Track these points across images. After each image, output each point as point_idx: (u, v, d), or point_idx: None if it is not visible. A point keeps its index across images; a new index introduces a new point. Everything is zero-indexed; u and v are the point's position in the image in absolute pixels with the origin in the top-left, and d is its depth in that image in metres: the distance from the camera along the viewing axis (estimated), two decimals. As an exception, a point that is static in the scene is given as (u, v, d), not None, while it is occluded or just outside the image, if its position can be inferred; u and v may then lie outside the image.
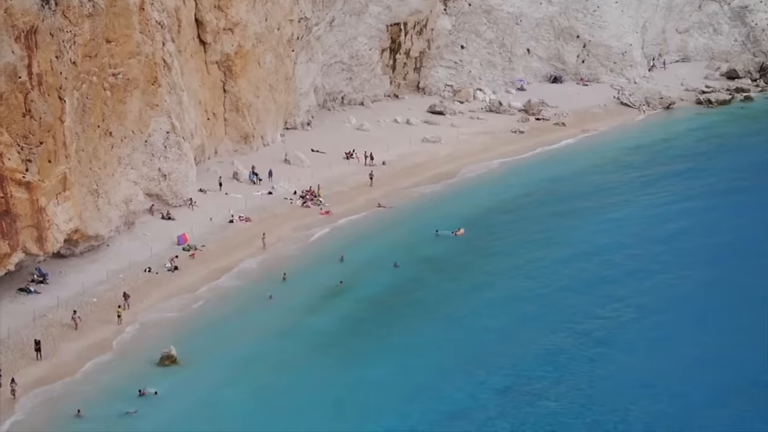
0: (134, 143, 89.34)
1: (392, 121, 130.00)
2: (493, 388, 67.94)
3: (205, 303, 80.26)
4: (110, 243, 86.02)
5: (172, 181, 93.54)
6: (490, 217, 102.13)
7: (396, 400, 66.12)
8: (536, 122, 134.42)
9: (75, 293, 78.41)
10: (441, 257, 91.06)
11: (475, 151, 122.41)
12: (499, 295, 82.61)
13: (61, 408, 64.45)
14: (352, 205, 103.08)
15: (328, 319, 78.25)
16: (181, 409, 64.66)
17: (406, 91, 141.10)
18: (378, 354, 72.44)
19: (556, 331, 76.37)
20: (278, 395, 66.50)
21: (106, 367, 70.23)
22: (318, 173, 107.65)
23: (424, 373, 69.73)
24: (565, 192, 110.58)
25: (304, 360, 71.60)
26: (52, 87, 76.27)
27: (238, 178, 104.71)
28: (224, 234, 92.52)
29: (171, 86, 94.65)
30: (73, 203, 78.69)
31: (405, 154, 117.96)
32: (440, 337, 75.04)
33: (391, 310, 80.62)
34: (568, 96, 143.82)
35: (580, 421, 64.14)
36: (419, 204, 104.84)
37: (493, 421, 63.95)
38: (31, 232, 75.03)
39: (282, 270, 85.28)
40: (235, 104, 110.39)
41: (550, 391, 67.67)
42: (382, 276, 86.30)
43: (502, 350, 73.01)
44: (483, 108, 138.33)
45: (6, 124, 72.54)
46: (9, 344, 70.46)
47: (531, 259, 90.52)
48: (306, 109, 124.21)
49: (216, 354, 71.97)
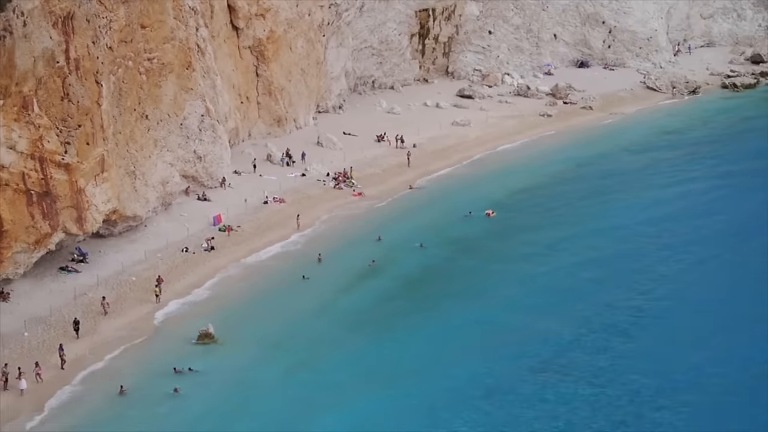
0: (170, 126, 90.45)
1: (422, 104, 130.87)
2: (524, 366, 68.11)
3: (241, 282, 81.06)
4: (148, 223, 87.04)
5: (207, 163, 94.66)
6: (520, 198, 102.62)
7: (429, 378, 66.45)
8: (563, 106, 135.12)
9: (114, 272, 79.40)
10: (472, 238, 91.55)
11: (503, 134, 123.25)
12: (531, 275, 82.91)
13: (104, 385, 65.16)
14: (384, 186, 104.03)
15: (362, 298, 78.88)
16: (221, 387, 65.30)
17: (435, 76, 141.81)
18: (410, 332, 72.83)
19: (589, 309, 76.62)
20: (314, 373, 67.03)
21: (144, 345, 71.01)
22: (350, 156, 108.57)
23: (456, 350, 70.12)
24: (595, 173, 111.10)
25: (338, 338, 72.18)
26: (89, 71, 77.28)
27: (271, 160, 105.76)
28: (259, 215, 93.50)
29: (205, 70, 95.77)
30: (111, 184, 79.76)
31: (435, 137, 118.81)
32: (472, 316, 75.36)
33: (423, 290, 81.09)
34: (594, 80, 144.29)
35: (615, 401, 64.12)
36: (450, 186, 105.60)
37: (526, 399, 64.08)
38: (71, 213, 76.05)
39: (317, 250, 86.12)
40: (267, 88, 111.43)
41: (583, 369, 67.75)
42: (414, 256, 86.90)
43: (533, 329, 73.33)
44: (511, 92, 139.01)
45: (45, 107, 73.54)
46: (51, 322, 71.44)
47: (562, 238, 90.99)
48: (337, 93, 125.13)
49: (253, 332, 72.72)
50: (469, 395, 64.41)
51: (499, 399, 64.08)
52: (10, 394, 62.86)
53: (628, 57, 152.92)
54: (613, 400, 63.82)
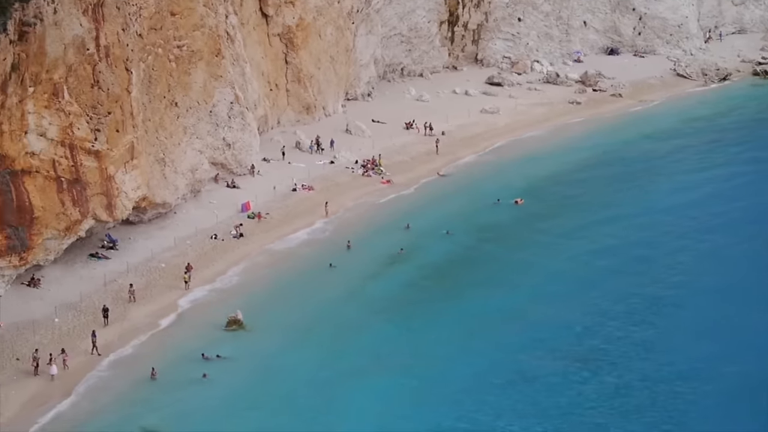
0: (199, 113, 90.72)
1: (451, 92, 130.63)
2: (548, 353, 68.32)
3: (270, 269, 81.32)
4: (177, 210, 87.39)
5: (236, 150, 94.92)
6: (549, 186, 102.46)
7: (454, 365, 66.66)
8: (593, 93, 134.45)
9: (143, 259, 79.85)
10: (501, 225, 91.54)
11: (532, 122, 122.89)
12: (558, 264, 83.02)
13: (133, 371, 65.71)
14: (413, 174, 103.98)
15: (390, 286, 79.06)
16: (250, 373, 65.68)
17: (464, 63, 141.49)
18: (437, 319, 72.98)
19: (617, 297, 76.72)
20: (341, 359, 67.35)
21: (173, 331, 71.44)
22: (379, 143, 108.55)
23: (481, 338, 70.27)
24: (625, 160, 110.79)
25: (366, 325, 72.46)
26: (119, 59, 77.59)
27: (300, 147, 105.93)
28: (287, 202, 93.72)
29: (234, 58, 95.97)
30: (141, 171, 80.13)
31: (464, 125, 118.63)
32: (498, 304, 75.45)
33: (450, 278, 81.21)
34: (624, 67, 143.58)
35: (635, 389, 64.27)
36: (479, 173, 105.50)
37: (549, 386, 64.26)
38: (101, 200, 76.44)
39: (345, 238, 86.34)
40: (296, 75, 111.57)
41: (606, 357, 67.95)
42: (443, 244, 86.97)
43: (558, 317, 73.43)
44: (540, 79, 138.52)
45: (75, 94, 73.87)
46: (81, 308, 71.93)
47: (590, 226, 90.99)
48: (366, 81, 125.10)
49: (281, 319, 73.03)
50: (492, 382, 64.69)
51: (522, 386, 64.32)
52: (41, 379, 63.29)
53: (658, 44, 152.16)
54: (633, 388, 64.06)
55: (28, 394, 61.91)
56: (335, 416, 60.83)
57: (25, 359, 64.47)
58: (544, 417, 60.80)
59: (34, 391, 62.30)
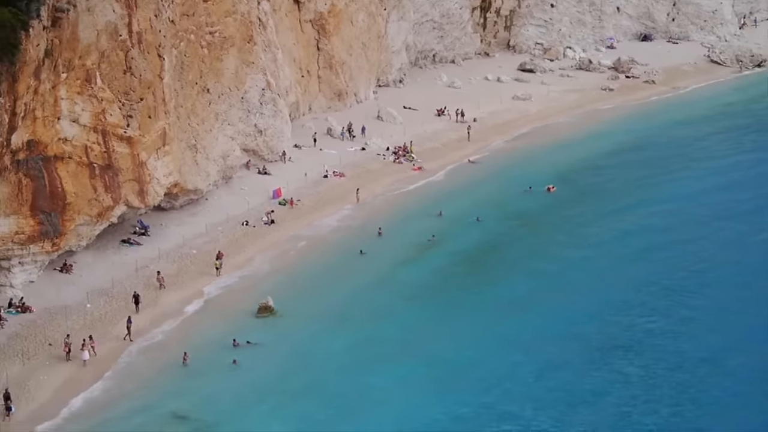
0: (231, 100, 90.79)
1: (483, 78, 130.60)
2: (581, 340, 68.09)
3: (301, 256, 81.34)
4: (209, 197, 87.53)
5: (267, 137, 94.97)
6: (582, 173, 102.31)
7: (487, 352, 66.46)
8: (626, 80, 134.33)
9: (175, 245, 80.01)
10: (533, 212, 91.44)
11: (565, 109, 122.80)
12: (591, 253, 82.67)
13: (166, 356, 65.92)
14: (444, 161, 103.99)
15: (421, 272, 78.89)
16: (280, 360, 65.65)
17: (496, 49, 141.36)
18: (469, 306, 72.82)
19: (648, 285, 76.31)
20: (372, 345, 67.23)
21: (205, 317, 71.45)
22: (410, 130, 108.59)
23: (513, 324, 70.07)
24: (657, 148, 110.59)
25: (397, 312, 72.29)
26: (152, 45, 77.69)
27: (331, 134, 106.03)
28: (318, 189, 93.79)
29: (266, 44, 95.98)
30: (173, 158, 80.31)
31: (496, 112, 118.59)
32: (531, 291, 75.31)
33: (482, 264, 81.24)
34: (658, 54, 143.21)
35: (667, 376, 63.96)
36: (511, 160, 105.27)
37: (581, 375, 64.06)
38: (133, 186, 76.66)
39: (376, 224, 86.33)
40: (328, 62, 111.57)
41: (637, 345, 67.62)
42: (474, 231, 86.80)
43: (590, 306, 73.08)
44: (573, 66, 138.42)
45: (108, 80, 74.06)
46: (113, 293, 72.12)
47: (621, 214, 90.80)
48: (398, 67, 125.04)
49: (312, 305, 73.02)
50: (521, 370, 64.52)
51: (550, 373, 64.08)
52: (73, 364, 63.56)
53: (692, 30, 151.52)
54: (658, 376, 63.70)
55: (60, 379, 62.12)
56: (365, 402, 60.67)
57: (57, 344, 64.68)
58: (570, 405, 60.56)
59: (66, 376, 62.48)
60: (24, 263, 70.30)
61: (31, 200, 69.28)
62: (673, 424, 58.92)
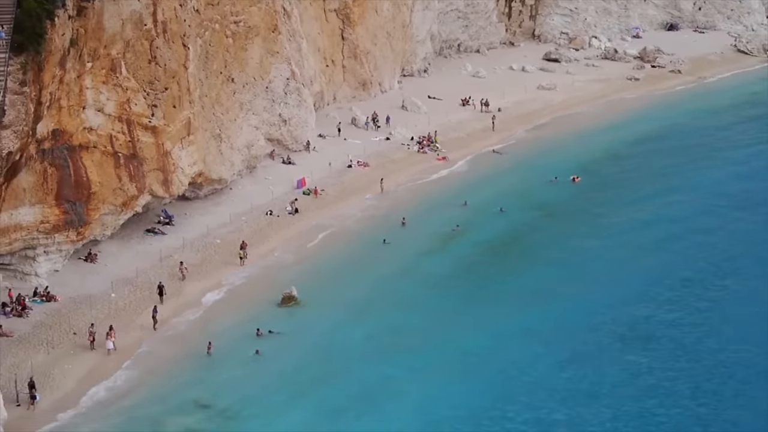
0: (255, 89, 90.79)
1: (508, 68, 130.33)
2: (605, 332, 67.89)
3: (324, 246, 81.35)
4: (233, 186, 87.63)
5: (292, 127, 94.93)
6: (606, 163, 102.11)
7: (510, 342, 66.34)
8: (651, 70, 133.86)
9: (199, 235, 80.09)
10: (557, 203, 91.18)
11: (590, 98, 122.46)
12: (615, 243, 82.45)
13: (190, 345, 65.98)
14: (469, 151, 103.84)
15: (445, 263, 78.82)
16: (303, 350, 65.63)
17: (521, 39, 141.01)
18: (493, 297, 72.65)
19: (671, 277, 76.05)
20: (395, 336, 67.15)
21: (229, 307, 71.39)
22: (434, 119, 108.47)
23: (538, 315, 69.88)
24: (682, 138, 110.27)
25: (420, 302, 72.21)
26: (176, 34, 77.76)
27: (356, 123, 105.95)
28: (343, 179, 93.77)
29: (291, 34, 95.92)
30: (197, 147, 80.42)
31: (520, 101, 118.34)
32: (555, 282, 75.07)
33: (507, 255, 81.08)
34: (684, 43, 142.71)
35: (695, 367, 63.82)
36: (535, 150, 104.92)
37: (610, 366, 63.83)
38: (158, 175, 76.80)
39: (400, 214, 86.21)
40: (353, 51, 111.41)
41: (663, 337, 67.39)
42: (498, 221, 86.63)
43: (615, 297, 72.83)
44: (598, 55, 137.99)
45: (133, 70, 74.23)
46: (137, 283, 72.26)
47: (646, 204, 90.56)
48: (423, 57, 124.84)
49: (335, 295, 72.95)
50: (546, 362, 64.29)
51: (573, 365, 63.85)
52: (98, 353, 63.74)
53: (719, 19, 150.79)
54: (692, 368, 63.50)
55: (85, 368, 62.29)
56: (387, 392, 60.66)
57: (82, 334, 64.84)
58: (590, 396, 60.40)
59: (90, 365, 62.66)
60: (49, 252, 70.57)
61: (56, 189, 69.58)
62: (694, 416, 58.71)
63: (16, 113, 60.25)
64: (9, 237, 67.61)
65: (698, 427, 57.79)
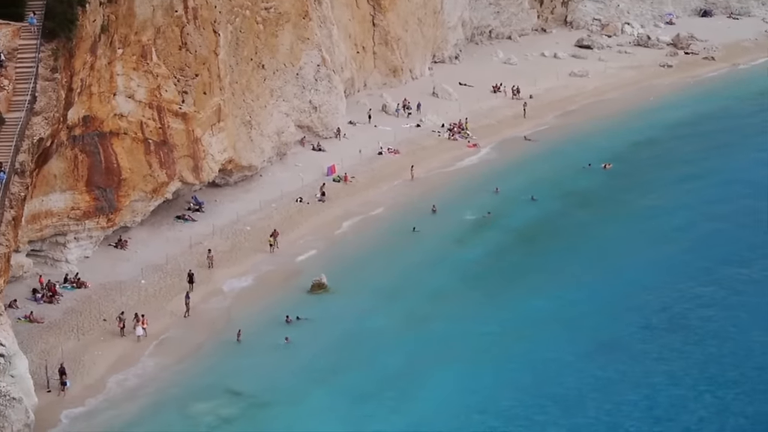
0: (286, 76, 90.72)
1: (539, 55, 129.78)
2: (638, 322, 67.28)
3: (354, 233, 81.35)
4: (263, 173, 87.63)
5: (322, 113, 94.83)
6: (638, 150, 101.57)
7: (544, 329, 66.01)
8: (685, 56, 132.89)
9: (229, 222, 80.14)
10: (588, 190, 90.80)
11: (622, 85, 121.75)
12: (647, 230, 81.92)
13: (219, 332, 66.02)
14: (500, 138, 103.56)
15: (476, 250, 78.59)
16: (331, 337, 65.52)
17: (553, 25, 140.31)
18: (524, 285, 72.36)
19: (708, 266, 75.40)
20: (423, 324, 66.92)
21: (258, 293, 71.44)
22: (465, 106, 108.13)
23: (568, 304, 69.45)
24: (715, 125, 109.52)
25: (450, 290, 71.92)
26: (207, 21, 77.79)
27: (386, 110, 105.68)
28: (373, 165, 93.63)
29: (321, 20, 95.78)
30: (228, 134, 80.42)
31: (552, 88, 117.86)
32: (586, 270, 74.62)
33: (538, 242, 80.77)
34: (717, 30, 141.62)
35: (725, 358, 63.17)
36: (566, 137, 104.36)
37: (644, 355, 63.36)
38: (188, 162, 76.89)
39: (431, 201, 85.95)
40: (384, 38, 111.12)
41: (696, 326, 66.82)
42: (529, 208, 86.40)
43: (647, 285, 72.20)
44: (631, 42, 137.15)
45: (163, 56, 74.31)
46: (167, 270, 72.36)
47: (679, 191, 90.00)
48: (454, 43, 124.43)
49: (365, 282, 72.86)
50: (580, 349, 63.84)
51: (606, 356, 63.26)
52: (127, 339, 63.84)
53: (753, 5, 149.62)
54: (723, 357, 62.97)
55: (115, 354, 62.39)
56: (415, 380, 60.46)
57: (112, 320, 64.95)
58: (624, 384, 59.98)
59: (120, 351, 62.75)
60: (79, 239, 70.79)
61: (87, 176, 69.86)
62: (725, 403, 58.41)
63: (47, 100, 60.21)
64: (40, 223, 67.86)
65: (729, 414, 57.33)
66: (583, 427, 56.46)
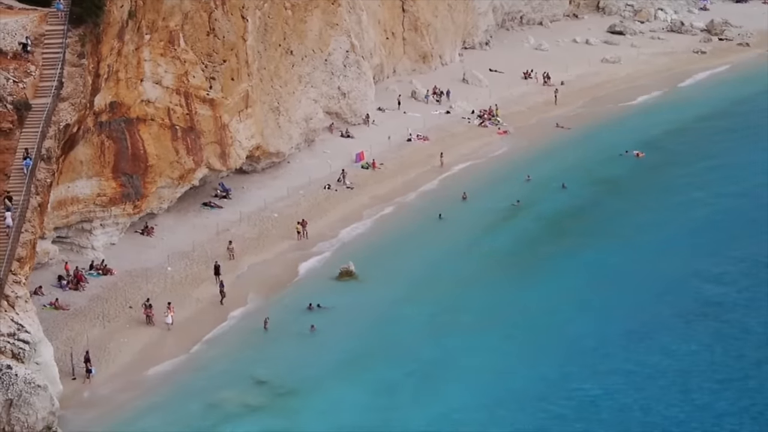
0: (314, 62, 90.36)
1: (571, 41, 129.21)
2: (666, 310, 66.54)
3: (382, 220, 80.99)
4: (291, 160, 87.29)
5: (351, 100, 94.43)
6: (671, 138, 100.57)
7: (574, 318, 65.40)
8: (719, 42, 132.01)
9: (256, 209, 79.81)
10: (619, 179, 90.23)
11: (655, 72, 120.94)
12: (679, 219, 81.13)
13: (247, 322, 65.66)
14: (530, 125, 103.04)
15: (506, 238, 78.06)
16: (357, 325, 65.07)
17: (585, 11, 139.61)
18: (552, 274, 71.73)
19: (738, 256, 74.47)
20: (451, 312, 66.43)
21: (286, 282, 70.99)
22: (496, 93, 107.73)
23: (597, 293, 68.81)
24: (749, 112, 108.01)
25: (477, 279, 71.26)
26: (235, 6, 77.46)
27: (416, 97, 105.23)
28: (402, 152, 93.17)
29: (350, 6, 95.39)
30: (255, 120, 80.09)
31: (584, 75, 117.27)
32: (615, 259, 74.01)
33: (568, 231, 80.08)
34: (752, 16, 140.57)
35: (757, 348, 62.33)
36: (597, 124, 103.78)
37: (674, 342, 62.66)
38: (215, 149, 76.63)
39: (460, 188, 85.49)
40: (413, 24, 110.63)
41: (733, 315, 66.08)
42: (560, 196, 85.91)
43: (676, 273, 71.57)
44: (664, 28, 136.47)
45: (191, 42, 74.01)
46: (194, 257, 72.02)
47: (712, 179, 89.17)
48: (484, 29, 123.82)
49: (393, 270, 72.40)
50: (611, 338, 63.22)
51: (634, 344, 62.65)
52: (155, 327, 63.46)
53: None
54: (747, 356, 61.82)
55: (140, 342, 62.12)
56: (443, 369, 59.88)
57: (138, 307, 64.69)
58: (659, 373, 59.33)
59: (146, 339, 62.45)
60: (105, 225, 70.59)
61: (114, 162, 69.62)
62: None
63: (74, 85, 59.92)
64: (66, 210, 67.66)
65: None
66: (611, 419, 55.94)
